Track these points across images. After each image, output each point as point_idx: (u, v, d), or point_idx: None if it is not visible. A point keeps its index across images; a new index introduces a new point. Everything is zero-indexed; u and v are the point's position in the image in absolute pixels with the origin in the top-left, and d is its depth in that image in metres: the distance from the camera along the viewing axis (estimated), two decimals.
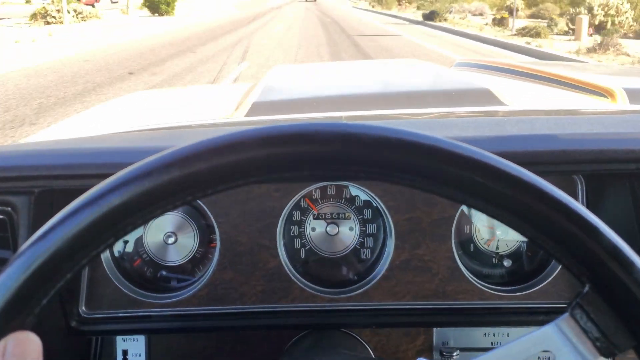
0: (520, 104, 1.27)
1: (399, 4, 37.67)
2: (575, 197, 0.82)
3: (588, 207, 0.81)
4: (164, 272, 0.87)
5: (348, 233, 0.87)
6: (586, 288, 0.38)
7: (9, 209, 0.75)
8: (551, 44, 13.26)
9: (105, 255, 0.84)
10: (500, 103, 1.21)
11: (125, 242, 0.86)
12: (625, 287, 0.36)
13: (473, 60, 2.15)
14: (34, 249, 0.36)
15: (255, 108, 1.18)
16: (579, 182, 0.82)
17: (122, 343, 0.90)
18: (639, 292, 0.36)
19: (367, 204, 0.86)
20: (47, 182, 0.74)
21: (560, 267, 0.83)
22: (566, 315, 0.39)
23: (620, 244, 0.37)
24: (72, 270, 0.37)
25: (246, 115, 1.15)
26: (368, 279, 0.84)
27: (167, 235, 0.85)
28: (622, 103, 1.24)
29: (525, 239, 0.84)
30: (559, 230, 0.37)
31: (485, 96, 1.24)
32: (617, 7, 16.36)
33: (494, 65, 1.90)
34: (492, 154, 0.38)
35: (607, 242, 0.37)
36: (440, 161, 0.37)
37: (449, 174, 0.37)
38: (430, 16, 22.56)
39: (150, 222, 0.85)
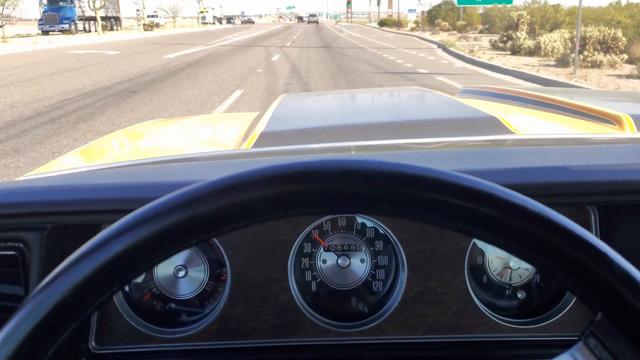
0: (529, 132, 1.28)
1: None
2: (588, 228, 0.82)
3: (602, 238, 0.80)
4: (173, 305, 0.86)
5: (359, 265, 0.86)
6: (599, 316, 0.37)
7: (21, 245, 0.75)
8: None
9: None
10: (508, 131, 1.21)
11: None
12: (639, 314, 0.36)
13: (478, 87, 2.14)
14: (35, 301, 0.36)
15: (263, 138, 1.19)
16: (592, 213, 0.82)
17: None
18: None
19: (379, 235, 0.86)
20: (60, 217, 0.74)
21: (575, 298, 0.82)
22: (580, 344, 0.39)
23: (632, 270, 0.36)
24: (77, 319, 0.37)
25: (254, 146, 1.16)
26: (380, 312, 0.83)
27: (178, 268, 0.85)
28: (629, 130, 1.24)
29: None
30: (568, 258, 0.37)
31: (494, 124, 1.25)
32: None
33: (499, 93, 1.90)
34: (497, 185, 0.38)
35: (618, 269, 0.36)
36: (447, 194, 0.37)
37: (457, 207, 0.37)
38: None
39: None
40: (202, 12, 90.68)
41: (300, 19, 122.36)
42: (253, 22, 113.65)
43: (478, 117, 1.34)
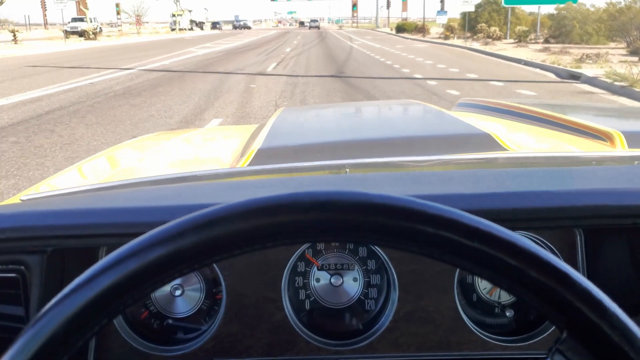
0: (521, 149, 1.30)
1: None
2: (574, 250, 0.84)
3: (587, 259, 0.82)
4: (170, 323, 0.87)
5: (352, 284, 0.88)
6: (564, 334, 0.39)
7: (22, 267, 0.77)
8: None
9: None
10: (501, 148, 1.24)
11: None
12: (600, 330, 0.37)
13: (475, 100, 2.16)
14: (25, 338, 0.36)
15: (259, 156, 1.22)
16: (578, 235, 0.84)
17: None
18: (614, 335, 0.37)
19: (371, 254, 0.88)
20: (60, 241, 0.76)
21: None
22: None
23: (591, 288, 0.38)
24: (67, 352, 0.38)
25: (250, 164, 1.18)
26: (372, 330, 0.85)
27: (174, 287, 0.86)
28: (620, 147, 1.27)
29: None
30: (531, 279, 0.38)
31: (487, 141, 1.27)
32: None
33: (495, 107, 1.93)
34: (459, 210, 0.40)
35: (579, 287, 0.37)
36: (412, 221, 0.39)
37: (423, 233, 0.39)
38: None
39: None
40: (176, 15, 68.77)
41: (301, 24, 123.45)
42: (249, 28, 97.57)
43: (472, 134, 1.37)
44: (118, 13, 68.58)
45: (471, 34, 30.88)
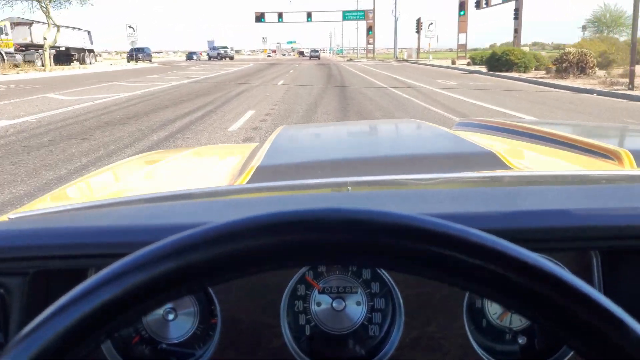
0: (527, 168, 1.27)
1: None
2: (590, 272, 0.80)
3: (604, 283, 0.79)
4: (162, 349, 0.83)
5: (355, 308, 0.84)
6: None
7: (2, 290, 0.73)
8: None
9: None
10: (506, 167, 1.21)
11: None
12: None
13: (474, 119, 2.13)
14: (18, 348, 0.34)
15: (258, 173, 1.19)
16: (594, 257, 0.80)
17: None
18: None
19: (375, 277, 0.84)
20: (43, 262, 0.72)
21: None
22: None
23: (635, 327, 0.35)
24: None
25: (249, 181, 1.15)
26: (377, 357, 0.81)
27: (167, 311, 0.82)
28: (628, 166, 1.23)
29: None
30: (580, 323, 0.35)
31: (491, 160, 1.24)
32: None
33: (495, 126, 1.90)
34: (505, 242, 0.37)
35: (634, 336, 0.35)
36: (455, 249, 0.36)
37: (466, 264, 0.36)
38: None
39: None
40: None
41: (301, 53, 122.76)
42: (232, 58, 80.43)
43: (475, 152, 1.34)
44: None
45: None
